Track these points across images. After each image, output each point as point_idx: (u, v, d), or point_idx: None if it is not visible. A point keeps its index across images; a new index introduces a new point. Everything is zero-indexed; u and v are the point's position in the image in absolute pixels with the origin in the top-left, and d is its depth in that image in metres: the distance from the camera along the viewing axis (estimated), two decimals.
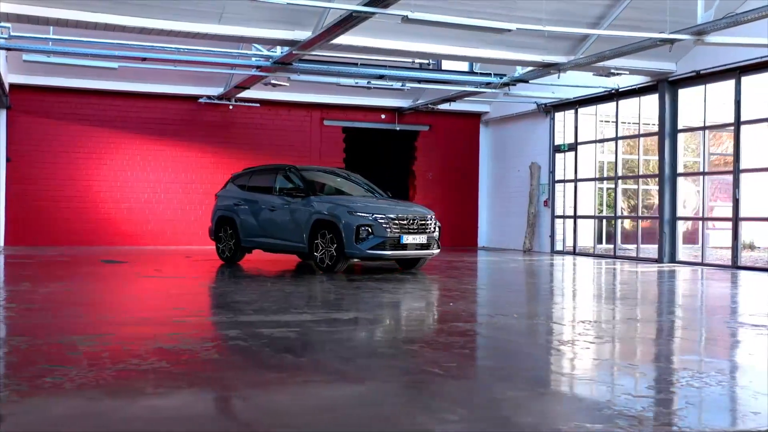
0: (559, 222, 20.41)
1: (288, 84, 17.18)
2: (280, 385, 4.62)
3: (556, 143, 20.38)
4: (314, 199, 13.12)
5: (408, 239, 12.70)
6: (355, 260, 13.49)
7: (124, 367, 4.95)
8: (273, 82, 16.57)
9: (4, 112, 19.11)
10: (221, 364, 5.24)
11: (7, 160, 19.12)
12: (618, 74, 15.46)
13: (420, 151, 22.72)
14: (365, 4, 11.28)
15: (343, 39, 14.12)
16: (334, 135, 21.87)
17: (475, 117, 23.09)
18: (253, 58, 15.75)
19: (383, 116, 22.24)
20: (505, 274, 14.09)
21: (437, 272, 13.24)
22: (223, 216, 14.84)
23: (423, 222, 12.96)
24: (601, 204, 22.72)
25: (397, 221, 12.61)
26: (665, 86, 16.86)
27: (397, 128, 22.31)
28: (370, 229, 12.45)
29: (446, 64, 18.04)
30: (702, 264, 16.06)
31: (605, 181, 20.95)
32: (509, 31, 11.85)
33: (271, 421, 3.87)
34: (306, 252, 13.18)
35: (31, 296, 8.94)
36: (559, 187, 20.39)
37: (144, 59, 15.21)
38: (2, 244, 19.01)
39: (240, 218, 14.42)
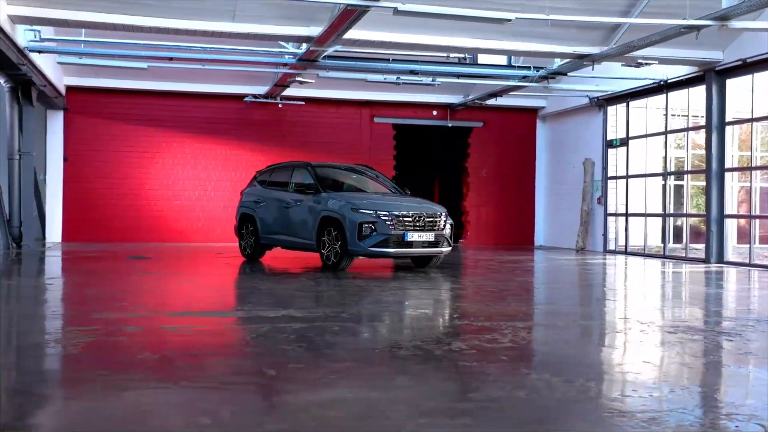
0: (612, 220, 19.62)
1: (314, 81, 17.14)
2: (83, 384, 4.52)
3: (609, 138, 19.60)
4: (324, 196, 13.00)
5: (413, 237, 12.41)
6: (361, 257, 13.19)
7: None
8: (299, 79, 16.55)
9: (61, 114, 19.85)
10: (68, 362, 5.18)
11: (64, 159, 19.85)
12: (646, 65, 14.68)
13: (473, 148, 22.29)
14: None
15: (369, 35, 14.06)
16: (385, 132, 21.72)
17: (532, 112, 22.47)
18: (286, 56, 15.73)
19: (435, 113, 21.93)
20: (521, 275, 13.59)
21: (451, 272, 12.89)
22: (244, 213, 14.96)
23: (431, 219, 12.64)
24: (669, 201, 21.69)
25: (402, 218, 12.35)
26: (712, 76, 15.93)
27: (450, 125, 21.95)
28: (373, 227, 12.24)
29: (483, 58, 17.59)
30: (749, 265, 15.09)
31: (669, 177, 19.92)
32: (508, 20, 11.42)
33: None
34: (315, 249, 13.09)
35: None
36: (611, 183, 19.60)
37: (171, 59, 15.46)
38: (60, 240, 19.76)
39: (259, 215, 14.48)
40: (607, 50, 14.62)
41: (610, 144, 19.53)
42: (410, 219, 12.41)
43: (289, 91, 20.18)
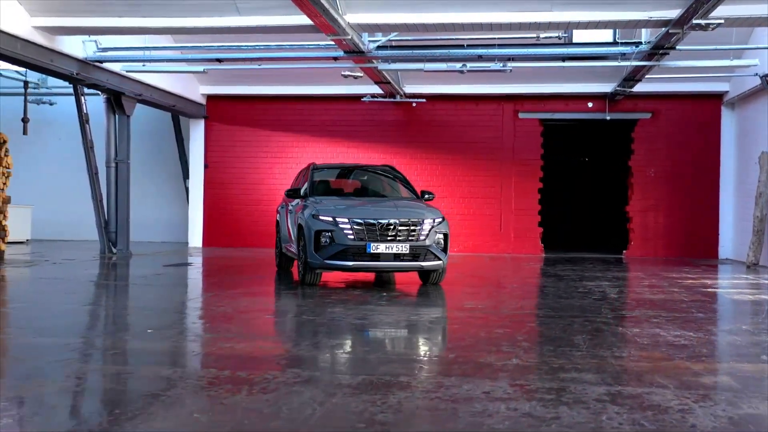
0: None
1: (362, 75, 15.61)
2: None
3: None
4: (309, 202, 11.64)
5: (379, 248, 10.59)
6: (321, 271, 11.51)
7: None
8: (344, 73, 15.18)
9: (202, 122, 20.41)
10: None
11: (205, 166, 20.38)
12: (711, 28, 11.14)
13: (639, 143, 18.96)
14: None
15: (432, 17, 12.47)
16: (531, 129, 19.29)
17: (715, 98, 18.59)
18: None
19: (590, 104, 19.02)
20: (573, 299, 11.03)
21: (465, 289, 10.88)
22: (277, 220, 14.07)
23: (406, 228, 10.71)
24: None
25: (364, 226, 10.62)
26: None
27: (608, 118, 18.89)
28: (331, 235, 10.68)
29: (583, 36, 14.71)
30: None
31: None
32: None
33: None
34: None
35: None
36: None
37: (220, 61, 15.01)
38: (201, 245, 20.32)
39: (280, 223, 13.54)
40: (682, 12, 11.41)
41: None
42: (375, 227, 10.62)
43: (419, 89, 18.89)
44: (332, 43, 14.04)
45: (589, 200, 24.20)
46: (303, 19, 12.48)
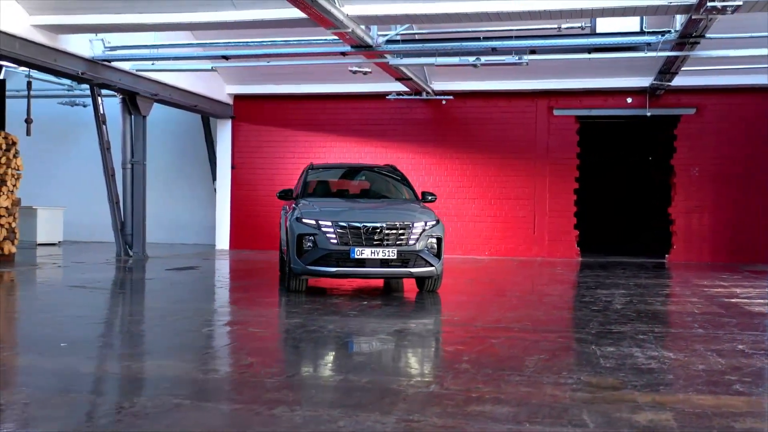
0: None
1: (371, 71, 14.87)
2: None
3: None
4: (300, 204, 11.03)
5: (364, 253, 9.92)
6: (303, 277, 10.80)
7: None
8: (353, 69, 14.49)
9: (229, 122, 20.03)
10: None
11: (232, 167, 20.00)
12: (730, 10, 10.06)
13: (681, 141, 17.77)
14: None
15: (438, 7, 11.79)
16: (566, 126, 18.28)
17: (765, 92, 17.28)
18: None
19: (629, 100, 17.92)
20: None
21: (460, 303, 10.16)
22: (280, 224, 13.50)
23: (393, 232, 10.01)
24: None
25: (348, 229, 9.96)
26: None
27: (648, 114, 17.75)
28: (314, 239, 10.05)
29: (609, 26, 13.71)
30: None
31: None
32: None
33: None
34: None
35: None
36: None
37: (226, 58, 14.54)
38: (228, 247, 19.95)
39: (281, 226, 12.98)
40: None
41: None
42: (360, 230, 9.94)
43: (448, 85, 18.17)
44: (334, 38, 13.47)
45: (630, 201, 23.05)
46: (300, 12, 11.93)
